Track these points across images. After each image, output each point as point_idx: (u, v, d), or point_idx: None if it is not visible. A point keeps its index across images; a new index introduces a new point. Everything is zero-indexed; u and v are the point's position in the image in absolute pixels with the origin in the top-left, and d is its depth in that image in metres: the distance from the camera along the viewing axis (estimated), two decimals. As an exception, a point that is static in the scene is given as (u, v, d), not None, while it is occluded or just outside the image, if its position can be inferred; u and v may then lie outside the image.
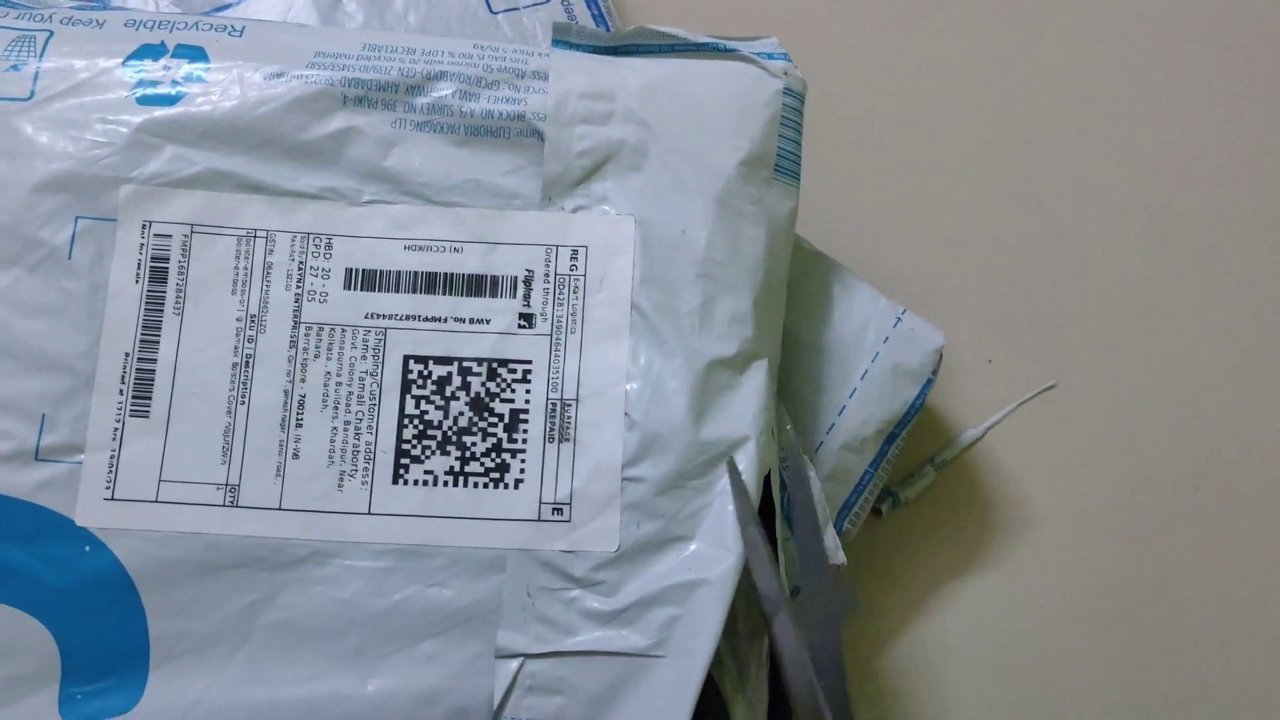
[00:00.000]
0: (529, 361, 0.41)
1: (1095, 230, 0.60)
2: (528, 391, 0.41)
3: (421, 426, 0.40)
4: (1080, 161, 0.61)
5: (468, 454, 0.40)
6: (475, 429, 0.40)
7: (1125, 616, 0.54)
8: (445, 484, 0.40)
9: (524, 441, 0.40)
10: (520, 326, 0.41)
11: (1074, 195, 0.60)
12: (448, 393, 0.41)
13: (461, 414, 0.41)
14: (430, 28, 0.53)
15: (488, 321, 0.41)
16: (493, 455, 0.40)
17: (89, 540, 0.39)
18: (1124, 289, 0.59)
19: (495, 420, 0.41)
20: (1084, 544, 0.55)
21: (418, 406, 0.40)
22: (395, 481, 0.40)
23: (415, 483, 0.40)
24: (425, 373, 0.41)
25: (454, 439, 0.40)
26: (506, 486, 0.40)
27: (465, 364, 0.41)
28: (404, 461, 0.40)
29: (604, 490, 0.40)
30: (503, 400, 0.41)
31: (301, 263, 0.41)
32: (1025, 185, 0.60)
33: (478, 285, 0.41)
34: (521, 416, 0.41)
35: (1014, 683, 0.53)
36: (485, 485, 0.40)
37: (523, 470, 0.40)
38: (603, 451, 0.40)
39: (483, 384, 0.41)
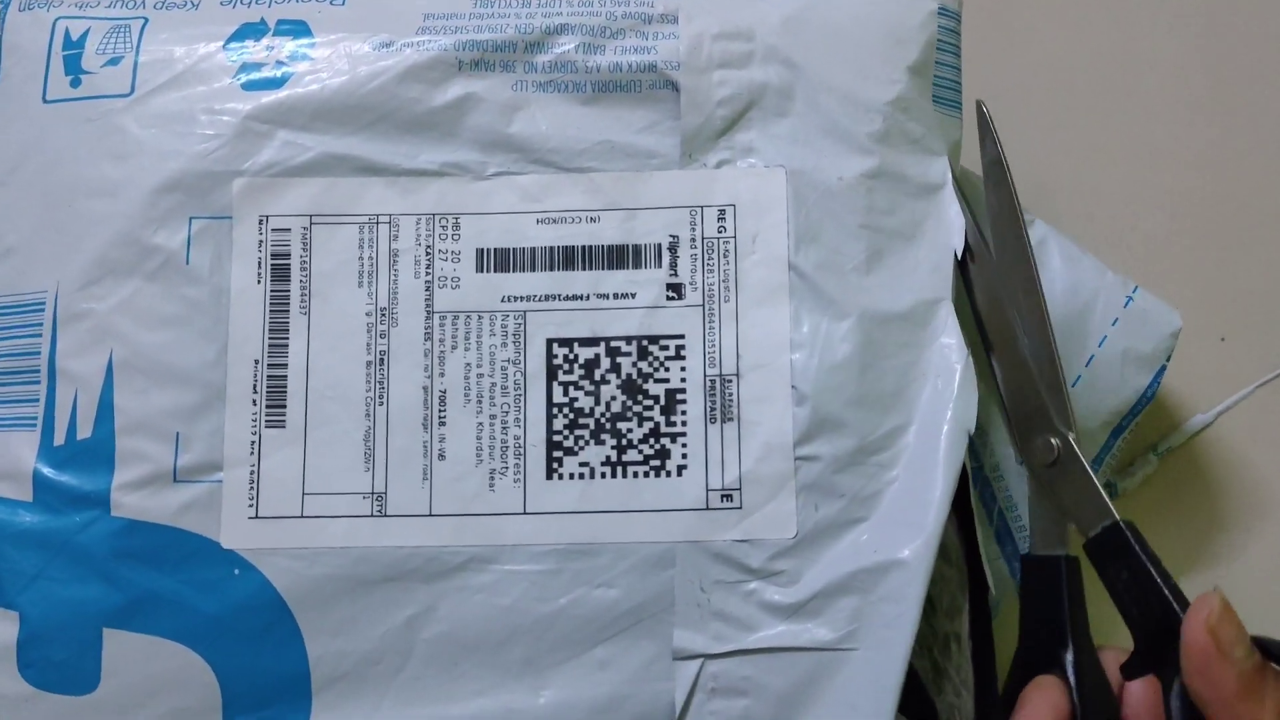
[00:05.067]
0: (681, 336, 0.37)
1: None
2: (683, 369, 0.37)
3: (572, 415, 0.37)
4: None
5: (624, 441, 0.37)
6: (630, 414, 0.37)
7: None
8: (603, 475, 0.37)
9: (683, 424, 0.37)
10: (669, 298, 0.38)
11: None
12: (597, 376, 0.37)
13: (614, 399, 0.37)
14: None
15: (633, 295, 0.38)
16: (651, 441, 0.37)
17: (237, 563, 0.36)
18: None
19: (650, 403, 0.37)
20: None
21: (566, 394, 0.37)
22: (550, 476, 0.37)
23: (571, 476, 0.37)
24: (571, 356, 0.37)
25: (608, 426, 0.37)
26: (669, 474, 0.37)
27: (613, 344, 0.38)
28: (557, 454, 0.37)
29: (776, 471, 0.37)
30: (656, 380, 0.37)
31: (429, 247, 0.38)
32: (1262, 138, 0.53)
33: (619, 256, 0.38)
34: (678, 397, 0.37)
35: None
36: (646, 474, 0.37)
37: (685, 455, 0.37)
38: (771, 429, 0.37)
39: (634, 364, 0.37)
